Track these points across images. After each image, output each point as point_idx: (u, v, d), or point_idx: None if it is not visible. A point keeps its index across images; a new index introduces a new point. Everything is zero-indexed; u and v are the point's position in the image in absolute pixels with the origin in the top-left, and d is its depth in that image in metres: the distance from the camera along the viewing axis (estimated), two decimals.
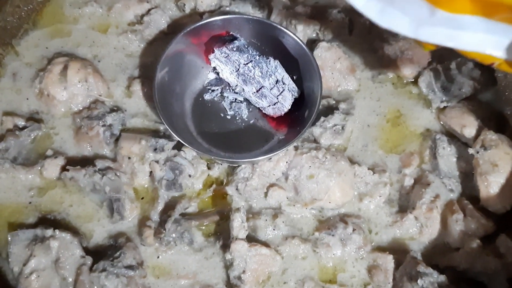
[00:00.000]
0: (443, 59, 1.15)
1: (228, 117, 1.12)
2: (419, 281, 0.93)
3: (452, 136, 1.11)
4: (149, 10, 1.21)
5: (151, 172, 1.06)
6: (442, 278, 0.94)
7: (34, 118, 1.12)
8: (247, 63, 1.07)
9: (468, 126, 1.08)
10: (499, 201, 1.01)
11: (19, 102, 1.14)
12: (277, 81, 1.07)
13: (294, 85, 1.08)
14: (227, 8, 1.21)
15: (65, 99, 1.11)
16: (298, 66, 1.09)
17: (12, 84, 1.15)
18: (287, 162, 1.06)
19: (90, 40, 1.21)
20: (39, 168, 1.06)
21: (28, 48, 1.20)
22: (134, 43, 1.20)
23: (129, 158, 1.05)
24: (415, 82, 1.17)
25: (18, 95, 1.14)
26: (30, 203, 1.04)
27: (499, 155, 1.01)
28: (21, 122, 1.10)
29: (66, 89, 1.11)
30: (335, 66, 1.15)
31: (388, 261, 0.99)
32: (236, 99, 1.12)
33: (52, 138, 1.11)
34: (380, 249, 1.02)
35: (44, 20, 1.23)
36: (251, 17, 1.12)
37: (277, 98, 1.07)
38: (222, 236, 1.02)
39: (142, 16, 1.21)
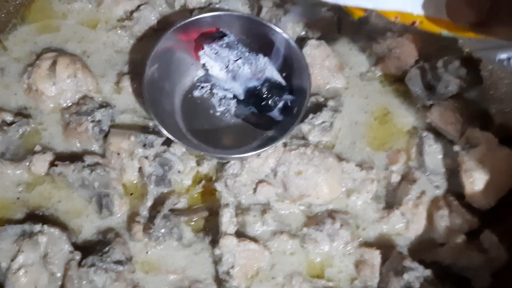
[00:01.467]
0: (430, 57, 1.17)
1: (218, 113, 1.13)
2: (404, 275, 0.94)
3: (438, 134, 1.13)
4: (139, 6, 1.21)
5: (140, 168, 1.06)
6: (428, 272, 0.95)
7: (22, 114, 1.11)
8: (236, 60, 1.07)
9: (454, 123, 1.10)
10: (484, 198, 1.02)
11: (7, 97, 1.13)
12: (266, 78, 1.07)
13: (283, 82, 1.09)
14: (217, 5, 1.21)
15: (53, 94, 1.11)
16: (287, 63, 1.10)
17: (0, 79, 1.15)
18: (275, 158, 1.06)
19: (79, 35, 1.20)
20: (27, 163, 1.05)
21: (16, 43, 1.19)
22: (124, 39, 1.20)
23: (118, 154, 1.05)
24: (402, 80, 1.18)
25: (6, 90, 1.14)
26: (18, 198, 1.04)
27: (484, 152, 1.03)
28: (9, 118, 1.09)
29: (55, 84, 1.10)
30: (323, 63, 1.16)
31: (374, 256, 1.00)
32: (225, 95, 1.13)
33: (41, 133, 1.10)
34: (367, 244, 1.03)
35: (33, 15, 1.22)
36: (241, 14, 1.13)
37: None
38: (211, 231, 1.02)
39: (132, 12, 1.21)
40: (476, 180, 1.02)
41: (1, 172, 1.05)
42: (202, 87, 1.14)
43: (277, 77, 1.09)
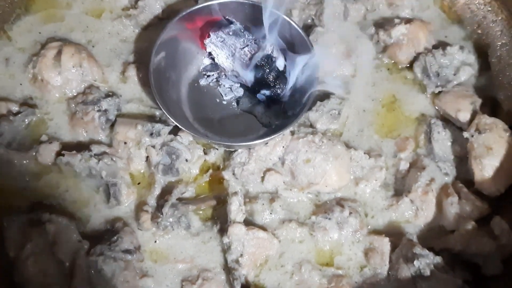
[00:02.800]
0: (438, 44, 1.16)
1: (224, 102, 1.12)
2: (415, 262, 0.94)
3: (447, 121, 1.12)
4: None
5: (147, 157, 1.05)
6: (438, 259, 0.95)
7: (28, 104, 1.11)
8: (243, 48, 1.06)
9: (462, 110, 1.09)
10: (493, 184, 1.02)
11: (13, 87, 1.12)
12: (273, 66, 1.06)
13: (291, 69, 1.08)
14: None
15: (59, 84, 1.10)
16: (294, 50, 1.09)
17: (5, 70, 1.14)
18: (283, 146, 1.06)
19: (84, 25, 1.20)
20: (34, 153, 1.05)
21: (20, 33, 1.18)
22: (129, 28, 1.20)
23: (125, 143, 1.05)
24: (410, 67, 1.18)
25: (11, 80, 1.13)
26: (25, 188, 1.03)
27: (493, 139, 1.02)
28: (15, 108, 1.08)
29: (60, 74, 1.09)
30: (331, 51, 1.15)
31: (384, 244, 1.00)
32: (232, 84, 1.12)
33: (47, 123, 1.10)
34: (376, 232, 1.03)
35: (37, 5, 1.22)
36: (246, 1, 1.11)
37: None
38: (219, 220, 1.02)
39: (137, 1, 1.20)
40: (485, 167, 1.02)
41: (8, 161, 1.04)
42: (208, 76, 1.13)
43: (284, 65, 1.08)
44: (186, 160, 1.05)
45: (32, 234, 0.94)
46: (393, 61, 1.18)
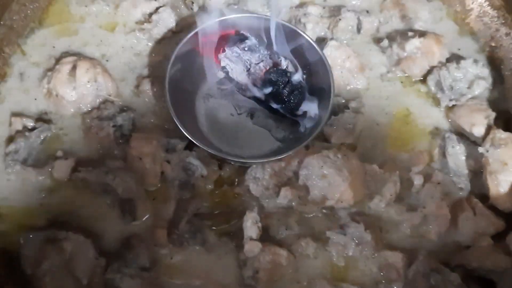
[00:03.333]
0: (452, 58, 1.16)
1: (238, 116, 1.12)
2: (431, 278, 0.94)
3: (461, 135, 1.12)
4: (157, 8, 1.20)
5: (162, 172, 1.05)
6: (454, 275, 0.95)
7: (43, 119, 1.10)
8: (258, 63, 1.07)
9: (477, 124, 1.09)
10: (509, 200, 1.02)
11: (27, 102, 1.12)
12: (288, 81, 1.06)
13: (305, 84, 1.08)
14: (235, 6, 1.20)
15: (74, 99, 1.10)
16: (309, 65, 1.09)
17: (19, 84, 1.14)
18: (298, 161, 1.06)
19: (98, 39, 1.20)
20: (50, 169, 1.04)
21: (35, 47, 1.18)
22: (142, 42, 1.20)
23: (140, 158, 1.04)
24: (424, 80, 1.17)
25: (26, 95, 1.13)
26: (41, 204, 1.03)
27: (508, 154, 1.02)
28: (30, 123, 1.08)
29: (75, 89, 1.09)
30: (344, 64, 1.15)
31: (399, 259, 1.00)
32: (246, 98, 1.12)
33: (62, 139, 1.09)
34: (391, 247, 1.03)
35: (51, 19, 1.22)
36: (260, 15, 1.12)
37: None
38: (235, 236, 1.02)
39: (150, 14, 1.20)
40: (501, 182, 1.02)
41: (24, 178, 1.05)
42: (222, 90, 1.13)
43: (299, 79, 1.08)
44: (202, 176, 1.05)
45: (48, 251, 0.94)
46: (406, 74, 1.18)
